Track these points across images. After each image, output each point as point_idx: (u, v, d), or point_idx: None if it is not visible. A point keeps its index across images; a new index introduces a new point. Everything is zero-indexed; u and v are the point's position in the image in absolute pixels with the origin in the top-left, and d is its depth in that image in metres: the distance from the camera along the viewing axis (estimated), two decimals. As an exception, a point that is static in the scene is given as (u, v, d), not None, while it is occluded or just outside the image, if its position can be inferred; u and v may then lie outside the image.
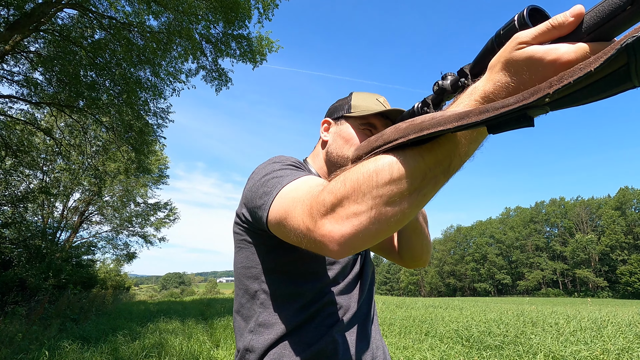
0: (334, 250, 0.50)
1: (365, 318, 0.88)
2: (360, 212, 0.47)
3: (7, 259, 11.21)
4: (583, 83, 0.35)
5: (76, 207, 20.26)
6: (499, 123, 0.41)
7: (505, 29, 0.48)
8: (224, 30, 9.53)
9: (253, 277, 0.82)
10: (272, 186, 0.67)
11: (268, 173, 0.72)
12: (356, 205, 0.48)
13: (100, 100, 9.67)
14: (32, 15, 7.47)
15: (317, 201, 0.52)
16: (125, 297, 24.91)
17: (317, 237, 0.51)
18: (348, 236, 0.48)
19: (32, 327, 7.11)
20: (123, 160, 12.25)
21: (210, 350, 5.51)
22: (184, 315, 10.97)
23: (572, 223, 76.00)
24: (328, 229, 0.49)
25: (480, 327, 7.35)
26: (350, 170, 0.51)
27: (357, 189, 0.48)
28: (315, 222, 0.51)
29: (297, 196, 0.59)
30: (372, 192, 0.47)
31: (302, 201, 0.56)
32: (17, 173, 11.36)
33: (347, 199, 0.48)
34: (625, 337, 5.91)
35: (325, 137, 0.99)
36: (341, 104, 1.00)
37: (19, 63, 9.45)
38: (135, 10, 8.86)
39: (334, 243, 0.49)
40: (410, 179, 0.47)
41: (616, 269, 62.61)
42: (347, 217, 0.48)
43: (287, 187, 0.63)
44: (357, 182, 0.48)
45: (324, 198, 0.51)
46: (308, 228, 0.52)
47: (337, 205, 0.49)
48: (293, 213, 0.57)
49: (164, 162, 22.28)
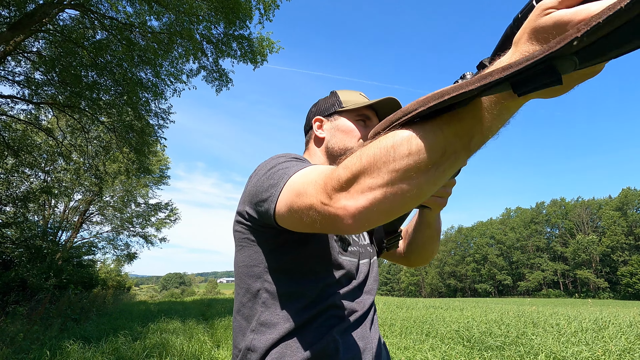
0: (349, 224, 0.50)
1: (368, 320, 0.87)
2: (376, 186, 0.47)
3: (8, 259, 11.23)
4: (614, 24, 0.31)
5: (77, 207, 20.29)
6: (524, 79, 0.38)
7: (523, 12, 0.45)
8: (225, 30, 9.54)
9: (255, 276, 0.81)
10: (279, 177, 0.66)
11: (273, 167, 0.72)
12: (372, 179, 0.47)
13: (102, 100, 9.69)
14: (34, 16, 7.48)
15: (331, 177, 0.52)
16: (126, 297, 24.92)
17: (333, 210, 0.51)
18: (363, 210, 0.48)
19: (33, 327, 7.12)
20: (124, 161, 12.27)
21: (212, 351, 5.52)
22: (184, 316, 10.97)
23: (572, 224, 75.90)
24: (343, 203, 0.49)
25: (481, 327, 7.35)
26: (368, 146, 0.49)
27: (374, 163, 0.47)
28: (330, 196, 0.51)
29: (308, 179, 0.59)
30: (388, 166, 0.46)
31: (315, 181, 0.56)
32: (18, 173, 11.38)
33: (362, 173, 0.48)
34: (626, 338, 5.90)
35: (320, 134, 1.00)
36: (329, 101, 1.03)
37: (20, 63, 9.47)
38: (137, 10, 8.87)
39: (348, 217, 0.50)
40: (429, 153, 0.45)
41: (617, 270, 62.52)
42: (362, 191, 0.48)
43: (296, 175, 0.63)
44: (373, 157, 0.47)
45: (339, 174, 0.50)
46: (322, 203, 0.52)
47: (353, 180, 0.49)
48: (305, 193, 0.57)
49: (165, 163, 22.31)
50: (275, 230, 0.74)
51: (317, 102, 1.07)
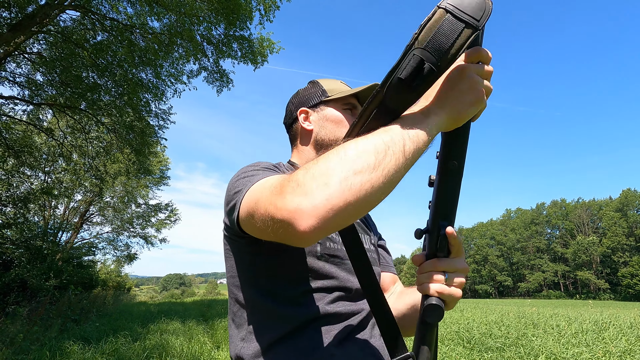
0: (303, 228, 0.46)
1: (369, 325, 0.81)
2: (330, 182, 0.46)
3: (8, 259, 11.22)
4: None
5: (77, 207, 20.29)
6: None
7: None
8: (226, 31, 9.55)
9: (239, 286, 0.80)
10: (243, 185, 0.66)
11: (239, 176, 0.72)
12: (326, 176, 0.47)
13: (102, 101, 9.69)
14: (34, 17, 7.49)
15: (288, 179, 0.51)
16: (126, 298, 24.91)
17: (285, 214, 0.48)
18: (320, 206, 0.46)
19: (33, 328, 7.12)
20: (124, 162, 12.27)
21: (212, 352, 5.52)
22: (184, 317, 10.97)
23: (573, 225, 75.87)
24: (297, 202, 0.47)
25: (482, 329, 7.34)
26: (324, 153, 0.52)
27: (327, 163, 0.49)
28: (283, 197, 0.49)
29: (267, 184, 0.58)
30: (341, 165, 0.47)
31: (272, 185, 0.55)
32: (18, 174, 11.38)
33: (318, 173, 0.48)
34: (627, 339, 5.89)
35: (308, 126, 0.96)
36: (312, 91, 0.99)
37: (20, 64, 9.48)
38: (137, 11, 8.88)
39: (302, 218, 0.46)
40: (374, 154, 0.48)
41: (617, 271, 62.47)
42: (317, 187, 0.46)
43: (259, 182, 0.63)
44: (327, 158, 0.50)
45: (296, 176, 0.50)
46: (275, 206, 0.49)
47: (308, 179, 0.48)
48: (262, 197, 0.55)
49: (165, 163, 22.32)
50: (245, 239, 0.73)
51: (296, 94, 1.03)
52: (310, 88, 1.00)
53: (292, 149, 1.01)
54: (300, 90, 1.03)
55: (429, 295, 0.61)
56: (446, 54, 0.49)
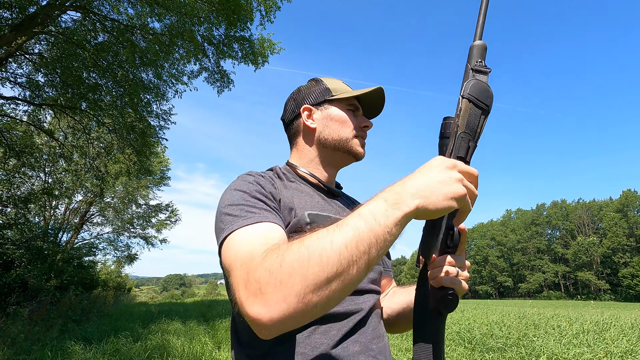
0: (261, 332, 0.52)
1: (369, 324, 0.79)
2: (289, 297, 0.49)
3: (9, 260, 11.22)
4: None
5: (77, 208, 20.30)
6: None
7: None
8: (226, 32, 9.56)
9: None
10: (225, 224, 0.67)
11: (225, 207, 0.71)
12: (286, 290, 0.49)
13: (103, 102, 9.70)
14: (36, 18, 7.51)
15: (253, 276, 0.53)
16: (126, 298, 24.93)
17: (248, 314, 0.52)
18: (275, 320, 0.50)
19: (34, 328, 7.13)
20: (125, 162, 12.28)
21: (213, 352, 5.52)
22: (185, 317, 10.97)
23: (573, 225, 75.81)
24: (257, 311, 0.51)
25: (483, 329, 7.34)
26: (290, 250, 0.53)
27: (290, 273, 0.50)
28: (247, 298, 0.52)
29: (239, 255, 0.60)
30: (302, 277, 0.49)
31: (241, 266, 0.57)
32: (19, 174, 11.39)
33: (279, 283, 0.50)
34: (628, 339, 5.89)
35: (311, 124, 0.93)
36: (316, 89, 0.96)
37: (22, 65, 9.49)
38: (138, 12, 8.89)
39: (261, 326, 0.51)
40: (337, 265, 0.50)
41: (618, 272, 62.40)
42: (276, 302, 0.49)
43: (236, 234, 0.64)
44: (291, 267, 0.50)
45: (260, 276, 0.52)
46: (242, 302, 0.53)
47: (270, 288, 0.50)
48: (232, 275, 0.58)
49: (166, 164, 22.33)
50: None
51: (298, 90, 0.99)
52: (314, 85, 0.97)
53: (292, 148, 0.98)
54: (302, 87, 0.99)
55: (444, 287, 0.66)
56: (476, 133, 0.65)
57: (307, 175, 0.93)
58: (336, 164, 0.96)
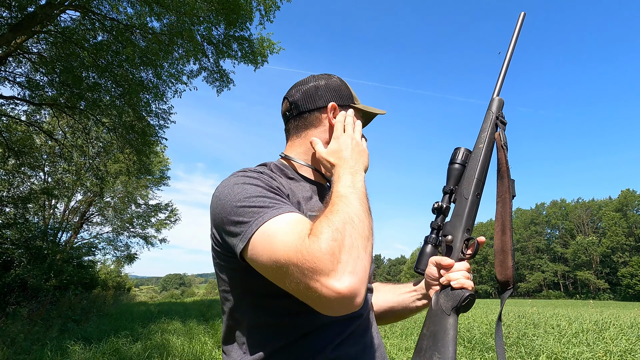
0: (353, 303, 0.55)
1: (365, 326, 0.80)
2: (357, 260, 0.56)
3: (8, 259, 11.22)
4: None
5: (77, 208, 20.28)
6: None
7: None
8: (226, 31, 9.55)
9: (230, 301, 0.77)
10: (250, 216, 0.63)
11: (241, 200, 0.66)
12: (355, 250, 0.56)
13: (102, 101, 9.69)
14: (35, 17, 7.49)
15: (320, 254, 0.54)
16: (126, 298, 24.91)
17: (340, 291, 0.53)
18: (361, 281, 0.55)
19: (33, 328, 7.12)
20: (125, 161, 12.28)
21: (212, 351, 5.52)
22: (185, 317, 10.97)
23: (573, 225, 75.87)
24: (348, 281, 0.53)
25: (482, 328, 7.34)
26: (333, 216, 0.60)
27: (349, 240, 0.56)
28: (330, 275, 0.53)
29: (285, 244, 0.57)
30: (358, 239, 0.58)
31: (295, 255, 0.55)
32: (19, 174, 11.38)
33: (343, 254, 0.55)
34: (627, 338, 5.90)
35: (333, 122, 0.89)
36: (342, 90, 0.93)
37: (21, 65, 9.48)
38: (137, 12, 8.88)
39: (354, 294, 0.54)
40: (369, 229, 0.63)
41: (617, 271, 62.47)
42: (350, 272, 0.54)
43: (269, 224, 0.61)
44: (345, 231, 0.57)
45: (325, 251, 0.54)
46: (326, 284, 0.53)
47: (337, 263, 0.53)
48: (291, 266, 0.55)
49: (165, 164, 22.32)
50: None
51: (325, 84, 0.92)
52: (342, 86, 0.93)
53: (295, 139, 0.91)
54: (328, 80, 0.93)
55: (464, 288, 0.76)
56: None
57: (305, 168, 0.90)
58: None
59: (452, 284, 0.77)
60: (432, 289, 0.84)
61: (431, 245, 0.85)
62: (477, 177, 0.83)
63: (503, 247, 0.81)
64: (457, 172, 0.86)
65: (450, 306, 0.75)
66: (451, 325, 0.73)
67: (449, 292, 0.77)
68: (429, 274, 0.85)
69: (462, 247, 0.80)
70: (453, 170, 0.87)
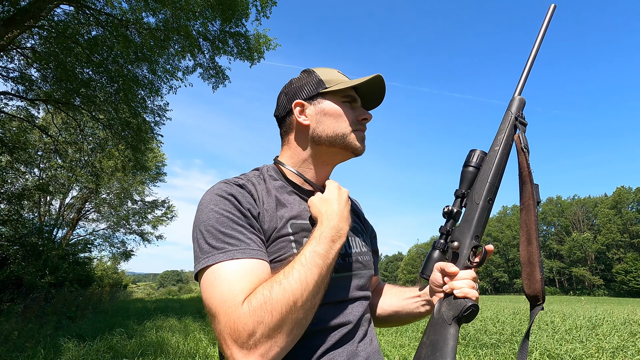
0: None
1: (357, 336, 0.77)
2: (281, 338, 0.57)
3: (3, 256, 11.16)
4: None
5: (73, 204, 20.18)
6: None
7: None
8: (222, 27, 9.48)
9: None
10: (209, 250, 0.66)
11: (202, 226, 0.69)
12: (271, 339, 0.56)
13: (97, 97, 9.61)
14: (28, 11, 7.40)
15: (241, 326, 0.56)
16: (123, 295, 24.89)
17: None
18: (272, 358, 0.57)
19: (28, 325, 7.09)
20: (120, 158, 12.21)
21: (207, 348, 5.52)
22: (181, 313, 10.97)
23: (568, 222, 76.38)
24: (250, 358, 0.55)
25: (477, 325, 7.39)
26: (279, 292, 0.58)
27: (278, 323, 0.57)
28: (232, 351, 0.56)
29: (222, 298, 0.60)
30: (289, 324, 0.58)
31: (224, 313, 0.58)
32: (13, 170, 11.29)
33: (263, 337, 0.55)
34: (620, 335, 5.95)
35: (304, 121, 0.85)
36: (308, 81, 0.88)
37: (14, 59, 9.38)
38: (132, 6, 8.78)
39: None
40: (315, 296, 0.63)
41: (612, 268, 63.03)
42: (261, 355, 0.55)
43: (216, 269, 0.64)
44: (278, 317, 0.57)
45: (248, 326, 0.55)
46: (225, 350, 0.57)
47: (253, 341, 0.55)
48: (217, 318, 0.59)
49: (161, 160, 22.21)
50: None
51: (290, 83, 0.91)
52: (306, 77, 0.89)
53: (283, 145, 0.92)
54: (294, 79, 0.91)
55: (467, 298, 0.73)
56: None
57: (296, 176, 0.88)
58: (332, 161, 0.90)
59: (455, 293, 0.73)
60: (435, 295, 0.81)
61: (439, 250, 0.81)
62: (490, 181, 0.79)
63: (530, 259, 0.75)
64: (471, 176, 0.83)
65: (451, 315, 0.72)
66: (451, 335, 0.70)
67: (451, 301, 0.74)
68: (433, 281, 0.81)
69: (469, 255, 0.77)
70: (467, 173, 0.83)
